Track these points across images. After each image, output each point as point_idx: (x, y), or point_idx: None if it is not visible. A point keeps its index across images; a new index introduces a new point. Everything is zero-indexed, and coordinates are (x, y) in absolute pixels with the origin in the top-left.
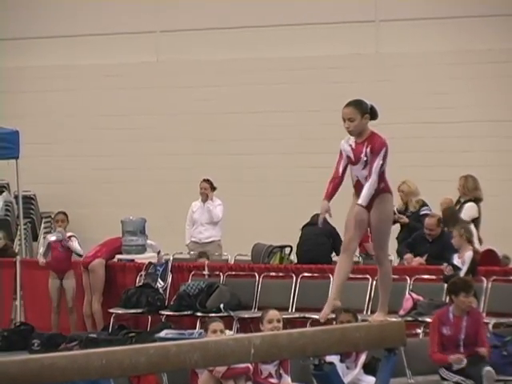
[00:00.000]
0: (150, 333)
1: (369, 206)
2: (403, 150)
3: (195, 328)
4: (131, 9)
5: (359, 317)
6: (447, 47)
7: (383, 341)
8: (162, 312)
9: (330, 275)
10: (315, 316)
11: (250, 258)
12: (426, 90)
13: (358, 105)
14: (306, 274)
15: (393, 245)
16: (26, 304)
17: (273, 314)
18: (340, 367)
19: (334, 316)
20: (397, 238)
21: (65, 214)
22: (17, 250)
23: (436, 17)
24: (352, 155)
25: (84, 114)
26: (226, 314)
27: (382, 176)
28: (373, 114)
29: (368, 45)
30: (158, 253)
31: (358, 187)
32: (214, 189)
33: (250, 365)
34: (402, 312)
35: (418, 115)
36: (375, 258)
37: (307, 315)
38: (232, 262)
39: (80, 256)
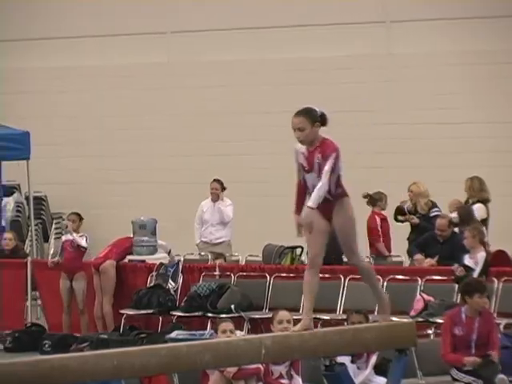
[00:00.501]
0: (161, 334)
1: (328, 214)
2: (412, 151)
3: (206, 329)
4: (141, 9)
5: (370, 318)
6: (462, 47)
7: (394, 341)
8: (173, 313)
9: (341, 276)
10: (326, 317)
11: (261, 259)
12: (436, 91)
13: (307, 113)
14: None
15: (404, 245)
16: (42, 304)
17: (283, 314)
18: (351, 368)
19: (345, 317)
20: (408, 239)
21: (77, 214)
22: (28, 251)
23: (452, 17)
24: (305, 164)
25: (94, 114)
26: (236, 314)
27: (338, 181)
28: (323, 120)
29: (378, 45)
30: (169, 252)
31: None
32: (224, 189)
33: (260, 365)
34: (412, 313)
35: (428, 115)
36: (351, 263)
37: (318, 316)
38: (243, 263)
39: (84, 249)
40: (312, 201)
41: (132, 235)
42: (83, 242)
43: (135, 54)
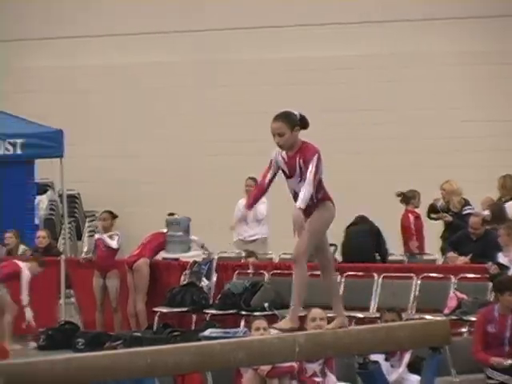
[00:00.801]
0: (195, 332)
1: (307, 214)
2: (443, 151)
3: (239, 327)
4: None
5: (404, 316)
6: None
7: (428, 340)
8: (207, 311)
9: (375, 274)
10: (360, 315)
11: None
12: (463, 89)
13: (286, 118)
14: (350, 273)
15: (437, 243)
16: (77, 302)
17: (315, 312)
18: (385, 366)
19: (378, 315)
20: (441, 237)
21: (110, 212)
22: (61, 249)
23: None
24: (286, 168)
25: (127, 113)
26: (270, 312)
27: (319, 185)
28: (303, 123)
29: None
30: (202, 246)
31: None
32: None
33: (294, 363)
34: (446, 311)
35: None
36: (295, 253)
37: (352, 314)
38: (277, 261)
39: (114, 250)
40: (300, 201)
41: (164, 230)
42: (113, 244)
43: (163, 52)
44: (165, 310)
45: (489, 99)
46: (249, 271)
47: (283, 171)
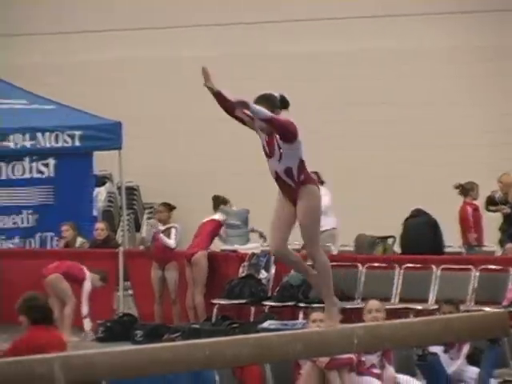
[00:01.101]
0: (253, 324)
1: (294, 198)
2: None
3: (298, 319)
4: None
5: (462, 308)
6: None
7: (486, 332)
8: (265, 303)
9: (433, 266)
10: (418, 307)
11: (353, 249)
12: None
13: (266, 101)
14: (409, 265)
15: (496, 235)
16: (133, 294)
17: (372, 304)
18: (443, 358)
19: (436, 307)
20: (499, 229)
21: (166, 205)
22: (120, 241)
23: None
24: (266, 147)
25: (184, 108)
26: None
27: (301, 166)
28: (284, 104)
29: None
30: (261, 235)
31: (279, 182)
32: (322, 182)
33: (353, 355)
34: (505, 303)
35: None
36: (308, 255)
37: (410, 306)
38: (335, 253)
39: (171, 249)
40: (253, 105)
41: (214, 217)
42: (171, 243)
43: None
44: (223, 302)
45: None
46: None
47: (264, 150)
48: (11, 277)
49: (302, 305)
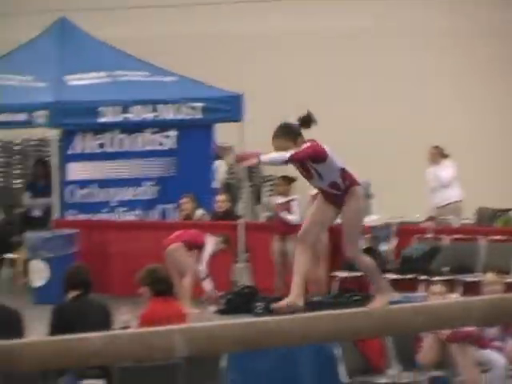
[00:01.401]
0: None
1: (340, 203)
2: None
3: (418, 291)
4: None
5: None
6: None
7: None
8: (386, 275)
9: None
10: None
11: (473, 222)
12: None
13: (285, 133)
14: None
15: None
16: (253, 266)
17: (490, 277)
18: None
19: None
20: None
21: (286, 178)
22: (240, 213)
23: None
24: (304, 173)
25: (310, 79)
26: (449, 277)
27: (343, 175)
28: (306, 125)
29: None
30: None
31: (325, 194)
32: (444, 156)
33: (474, 328)
34: None
35: None
36: (349, 255)
37: None
38: (457, 226)
39: (294, 225)
40: (265, 155)
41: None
42: (293, 219)
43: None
44: (344, 274)
45: None
46: (428, 236)
47: (302, 175)
48: (128, 249)
49: (422, 277)
